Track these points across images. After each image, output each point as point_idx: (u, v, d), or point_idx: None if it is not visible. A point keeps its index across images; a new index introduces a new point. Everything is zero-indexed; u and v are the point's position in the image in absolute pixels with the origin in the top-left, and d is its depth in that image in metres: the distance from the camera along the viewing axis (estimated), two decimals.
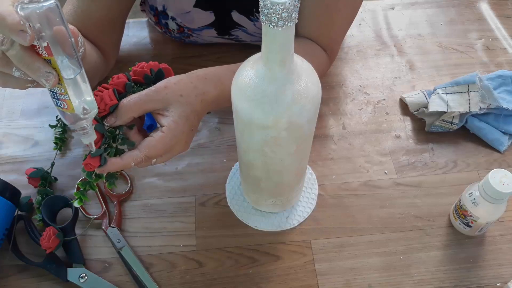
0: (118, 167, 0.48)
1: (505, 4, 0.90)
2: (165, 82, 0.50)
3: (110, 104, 0.47)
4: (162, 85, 0.49)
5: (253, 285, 0.57)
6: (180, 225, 0.62)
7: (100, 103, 0.47)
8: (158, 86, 0.49)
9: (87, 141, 0.45)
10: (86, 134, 0.44)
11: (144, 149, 0.48)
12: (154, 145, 0.48)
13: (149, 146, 0.48)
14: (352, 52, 0.82)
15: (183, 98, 0.50)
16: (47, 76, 0.38)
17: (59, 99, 0.40)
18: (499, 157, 0.68)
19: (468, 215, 0.57)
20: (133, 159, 0.48)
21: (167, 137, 0.49)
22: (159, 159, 0.51)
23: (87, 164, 0.47)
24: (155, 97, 0.48)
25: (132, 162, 0.48)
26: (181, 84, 0.50)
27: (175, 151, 0.51)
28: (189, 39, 0.79)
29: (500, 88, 0.71)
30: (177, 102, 0.49)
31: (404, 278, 0.58)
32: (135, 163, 0.48)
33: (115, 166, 0.48)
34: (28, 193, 0.64)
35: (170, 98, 0.49)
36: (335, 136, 0.71)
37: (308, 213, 0.63)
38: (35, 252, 0.59)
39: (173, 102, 0.49)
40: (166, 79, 0.50)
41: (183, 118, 0.49)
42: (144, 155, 0.48)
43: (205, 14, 0.71)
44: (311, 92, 0.43)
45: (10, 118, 0.73)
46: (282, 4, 0.35)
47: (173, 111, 0.49)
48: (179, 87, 0.50)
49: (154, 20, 0.77)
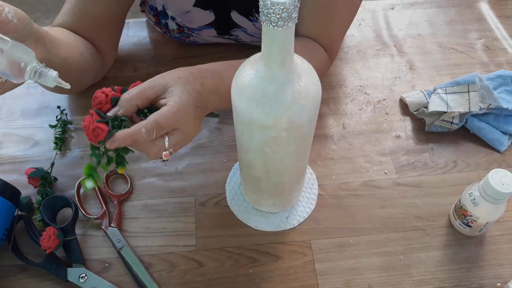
0: (128, 136, 0.45)
1: (505, 4, 0.90)
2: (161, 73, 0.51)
3: (111, 94, 0.47)
4: (159, 75, 0.50)
5: (253, 285, 0.57)
6: (180, 225, 0.62)
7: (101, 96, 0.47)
8: (155, 77, 0.50)
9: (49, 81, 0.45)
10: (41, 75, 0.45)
11: (153, 117, 0.46)
12: (162, 113, 0.47)
13: (157, 114, 0.47)
14: (352, 52, 0.82)
15: (181, 79, 0.50)
16: None
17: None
18: (499, 157, 0.68)
19: (468, 215, 0.57)
20: (143, 125, 0.46)
21: (174, 106, 0.48)
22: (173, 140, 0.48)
23: (95, 128, 0.45)
24: (153, 84, 0.49)
25: (143, 129, 0.45)
26: (177, 72, 0.51)
27: (186, 128, 0.49)
28: (189, 39, 0.79)
29: (500, 88, 0.71)
30: (176, 83, 0.50)
31: (404, 278, 0.58)
32: (145, 130, 0.45)
33: (124, 136, 0.45)
34: (28, 193, 0.64)
35: (168, 81, 0.49)
36: (335, 136, 0.71)
37: (308, 213, 0.63)
38: (35, 252, 0.59)
39: (172, 84, 0.49)
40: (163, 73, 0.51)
41: (186, 93, 0.49)
42: (154, 121, 0.46)
43: (205, 14, 0.71)
44: (311, 92, 0.43)
45: (10, 118, 0.73)
46: (282, 4, 0.35)
47: (174, 90, 0.49)
48: (175, 74, 0.51)
49: (154, 20, 0.77)
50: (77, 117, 0.73)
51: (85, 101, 0.75)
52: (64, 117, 0.72)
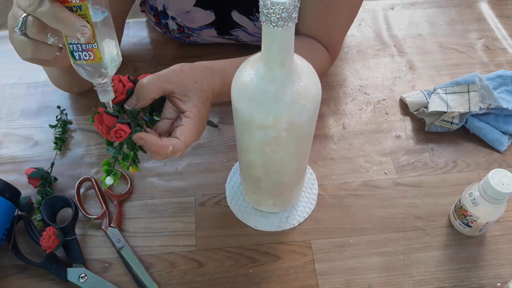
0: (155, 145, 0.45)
1: (505, 4, 0.90)
2: (179, 66, 0.50)
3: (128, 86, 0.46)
4: (178, 68, 0.49)
5: (253, 285, 0.57)
6: (180, 225, 0.62)
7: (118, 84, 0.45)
8: (174, 69, 0.49)
9: (105, 99, 0.43)
10: (105, 91, 0.42)
11: (181, 136, 0.47)
12: (189, 130, 0.47)
13: (184, 132, 0.47)
14: (352, 52, 0.82)
15: (197, 85, 0.50)
16: (82, 29, 0.37)
17: (84, 50, 0.39)
18: (499, 157, 0.68)
19: (468, 215, 0.57)
20: (173, 143, 0.46)
21: (194, 120, 0.48)
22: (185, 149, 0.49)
23: (117, 130, 0.44)
24: (173, 78, 0.48)
25: (170, 147, 0.45)
26: (195, 71, 0.50)
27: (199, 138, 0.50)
28: (189, 39, 0.79)
29: (500, 88, 0.71)
30: (193, 88, 0.49)
31: (404, 278, 0.58)
32: (173, 148, 0.45)
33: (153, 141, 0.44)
34: (28, 193, 0.64)
35: (186, 82, 0.49)
36: (335, 136, 0.71)
37: (308, 213, 0.63)
38: (35, 252, 0.59)
39: (190, 87, 0.49)
40: (180, 65, 0.50)
41: (202, 103, 0.50)
42: (184, 143, 0.46)
43: (205, 14, 0.71)
44: (311, 92, 0.43)
45: (10, 118, 0.73)
46: (282, 4, 0.35)
47: (192, 96, 0.49)
48: (193, 74, 0.50)
49: (154, 20, 0.77)
50: (77, 117, 0.73)
51: (85, 101, 0.75)
52: (64, 117, 0.72)
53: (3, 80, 0.79)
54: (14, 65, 0.80)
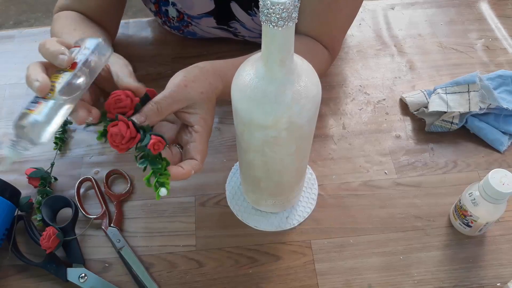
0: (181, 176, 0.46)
1: (505, 4, 0.90)
2: (183, 80, 0.49)
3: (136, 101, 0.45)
4: (182, 84, 0.49)
5: (253, 285, 0.57)
6: (180, 225, 0.62)
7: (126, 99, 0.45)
8: (179, 85, 0.49)
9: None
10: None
11: (197, 156, 0.48)
12: (202, 148, 0.49)
13: (199, 150, 0.48)
14: (352, 52, 0.82)
15: (204, 95, 0.50)
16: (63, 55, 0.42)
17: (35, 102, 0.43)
18: (499, 157, 0.68)
19: (468, 215, 0.57)
20: (193, 167, 0.47)
21: (204, 134, 0.49)
22: None
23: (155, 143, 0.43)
24: (178, 97, 0.48)
25: (192, 171, 0.47)
26: (199, 82, 0.51)
27: None
28: (188, 28, 0.78)
29: (500, 88, 0.71)
30: (200, 99, 0.49)
31: (404, 278, 0.58)
32: (195, 171, 0.48)
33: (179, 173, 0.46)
34: (28, 193, 0.64)
35: (193, 95, 0.49)
36: (335, 136, 0.71)
37: (308, 213, 0.63)
38: (35, 252, 0.59)
39: (197, 99, 0.49)
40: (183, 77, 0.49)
41: (209, 114, 0.50)
42: (200, 160, 0.48)
43: (205, 1, 0.71)
44: (311, 92, 0.43)
45: (10, 118, 0.73)
46: (282, 4, 0.35)
47: (199, 108, 0.49)
48: (199, 85, 0.50)
49: (154, 8, 0.77)
50: None
51: None
52: None
53: (3, 80, 0.79)
54: (14, 65, 0.80)
